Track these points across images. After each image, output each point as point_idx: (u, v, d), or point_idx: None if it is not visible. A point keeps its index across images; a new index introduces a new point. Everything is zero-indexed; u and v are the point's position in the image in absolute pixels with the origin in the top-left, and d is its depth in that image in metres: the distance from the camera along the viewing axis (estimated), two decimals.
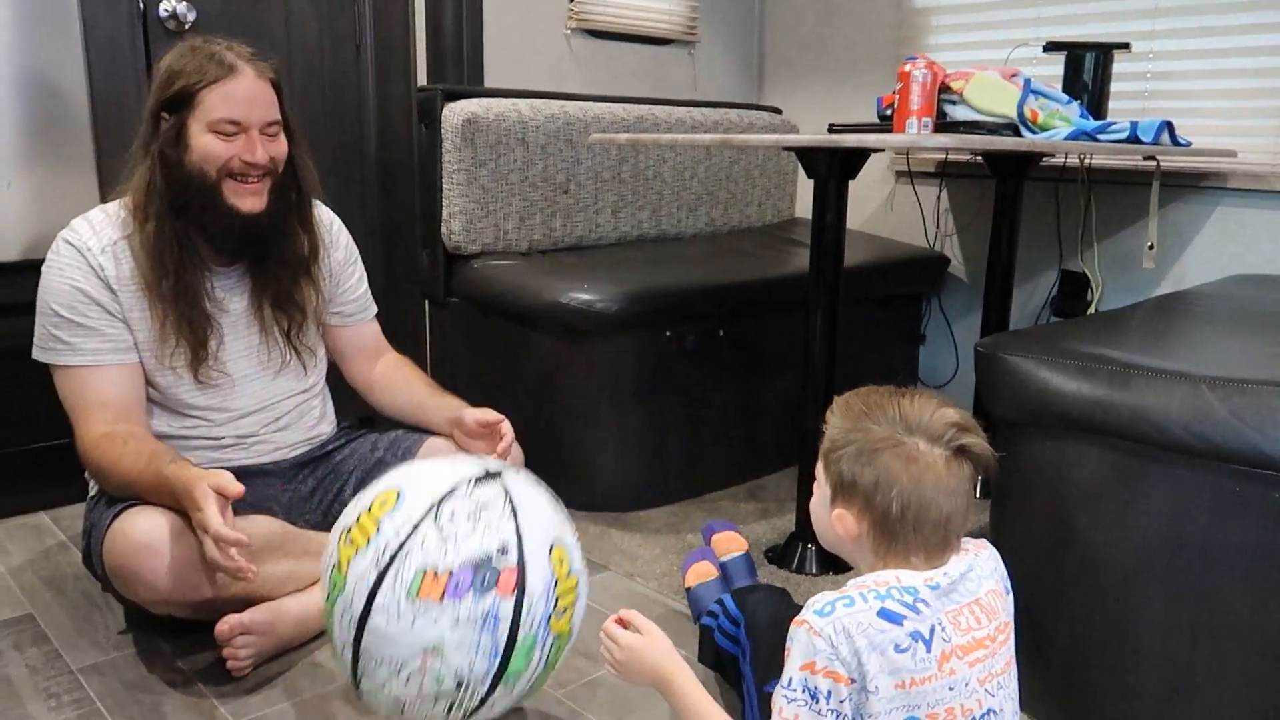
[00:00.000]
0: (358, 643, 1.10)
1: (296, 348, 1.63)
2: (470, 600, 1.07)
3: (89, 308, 1.45)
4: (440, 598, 1.06)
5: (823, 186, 1.75)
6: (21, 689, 1.38)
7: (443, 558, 1.08)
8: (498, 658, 1.09)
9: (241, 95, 1.43)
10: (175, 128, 1.43)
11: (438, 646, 1.07)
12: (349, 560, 1.11)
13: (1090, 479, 1.24)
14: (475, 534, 1.10)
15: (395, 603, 1.07)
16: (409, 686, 1.09)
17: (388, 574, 1.08)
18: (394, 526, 1.11)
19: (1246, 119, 2.31)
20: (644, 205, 2.65)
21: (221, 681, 1.40)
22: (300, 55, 2.14)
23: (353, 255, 1.73)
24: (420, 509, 1.12)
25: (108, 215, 1.49)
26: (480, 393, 2.13)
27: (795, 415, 1.90)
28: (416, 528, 1.10)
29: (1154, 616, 1.20)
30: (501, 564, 1.09)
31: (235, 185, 1.45)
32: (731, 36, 3.26)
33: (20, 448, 1.96)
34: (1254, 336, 1.49)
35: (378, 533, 1.11)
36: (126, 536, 1.36)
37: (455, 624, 1.07)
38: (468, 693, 1.10)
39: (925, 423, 0.96)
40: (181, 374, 1.51)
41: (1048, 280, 2.65)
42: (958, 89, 1.96)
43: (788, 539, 1.90)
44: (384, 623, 1.07)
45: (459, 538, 1.09)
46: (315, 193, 1.61)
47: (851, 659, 0.89)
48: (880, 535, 0.97)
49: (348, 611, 1.10)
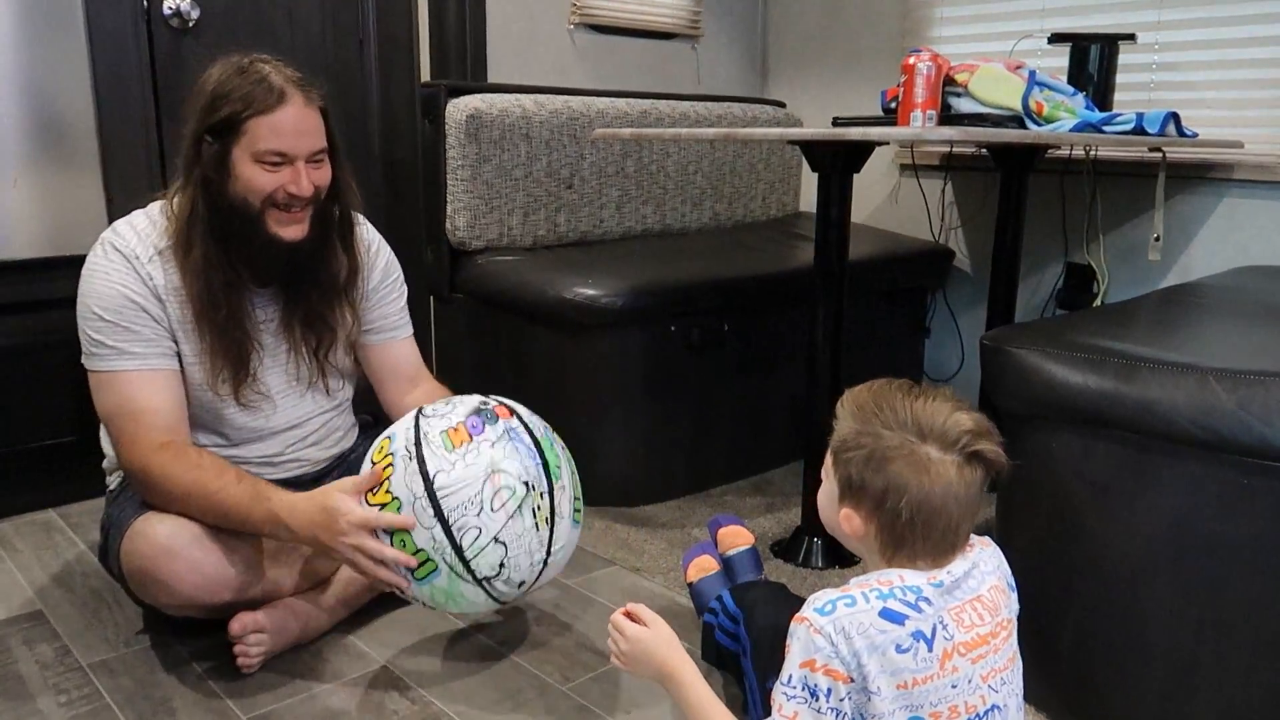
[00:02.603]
0: (442, 515, 1.26)
1: (323, 367, 1.60)
2: (489, 429, 1.32)
3: (137, 314, 1.41)
4: (469, 438, 1.30)
5: (827, 180, 1.75)
6: (32, 685, 1.39)
7: (450, 420, 1.32)
8: (535, 453, 1.33)
9: (290, 127, 1.38)
10: (219, 154, 1.38)
11: (492, 464, 1.29)
12: (390, 480, 1.29)
13: (1097, 472, 1.24)
14: (455, 407, 1.35)
15: (442, 459, 1.28)
16: (497, 514, 1.28)
17: (423, 453, 1.29)
18: (400, 438, 1.32)
19: (1253, 110, 2.30)
20: (648, 200, 2.65)
21: (231, 678, 1.40)
22: (304, 51, 2.15)
23: (391, 274, 1.68)
24: (406, 421, 1.35)
25: (151, 221, 1.45)
26: (485, 388, 2.13)
27: (800, 409, 1.90)
28: (415, 426, 1.32)
29: (1161, 609, 1.20)
30: (491, 405, 1.37)
31: (278, 215, 1.42)
32: (735, 30, 3.26)
33: (30, 445, 1.96)
34: (1261, 328, 1.48)
35: (392, 451, 1.31)
36: (148, 539, 1.36)
37: (492, 445, 1.30)
38: (536, 493, 1.31)
39: (939, 428, 0.93)
40: (224, 395, 1.49)
41: (1053, 273, 2.65)
42: (962, 81, 1.96)
43: (793, 533, 1.90)
44: (446, 477, 1.27)
45: (449, 411, 1.34)
46: (358, 210, 1.58)
47: (851, 659, 0.89)
48: (888, 539, 0.96)
49: (424, 506, 1.26)
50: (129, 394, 1.41)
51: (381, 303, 1.67)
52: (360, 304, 1.62)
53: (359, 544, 1.27)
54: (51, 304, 1.45)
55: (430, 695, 1.38)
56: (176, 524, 1.36)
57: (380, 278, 1.66)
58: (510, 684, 1.42)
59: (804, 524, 1.88)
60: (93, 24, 1.87)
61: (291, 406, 1.59)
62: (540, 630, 1.57)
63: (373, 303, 1.65)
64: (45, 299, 1.45)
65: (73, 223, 1.86)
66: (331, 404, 1.65)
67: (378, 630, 1.56)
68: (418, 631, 1.56)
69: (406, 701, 1.37)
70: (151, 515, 1.38)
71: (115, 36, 1.90)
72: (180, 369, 1.46)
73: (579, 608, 1.66)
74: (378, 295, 1.66)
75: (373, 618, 1.59)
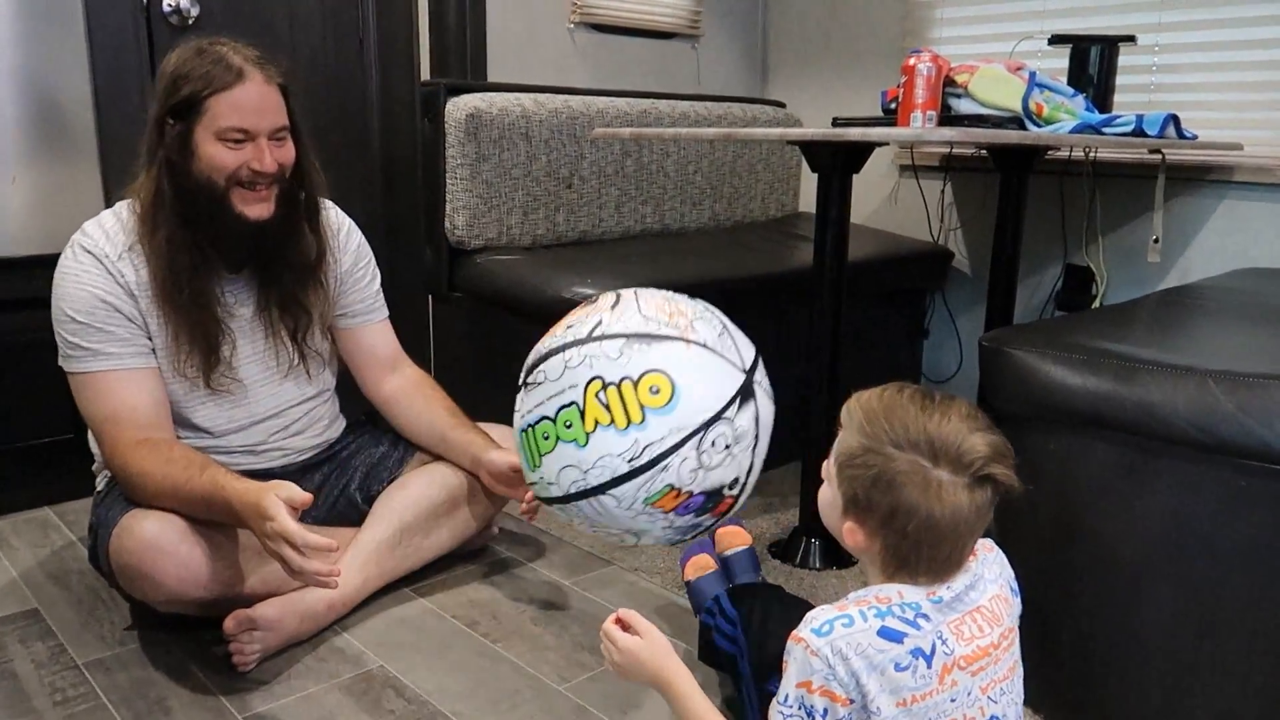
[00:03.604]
0: (570, 499, 1.20)
1: (303, 351, 1.61)
2: (691, 516, 1.21)
3: (110, 314, 1.42)
4: (671, 510, 1.19)
5: (826, 181, 1.75)
6: (28, 684, 1.39)
7: (691, 483, 1.17)
8: (673, 542, 1.26)
9: (250, 103, 1.40)
10: (181, 135, 1.40)
11: (643, 531, 1.21)
12: (596, 425, 1.16)
13: (1095, 474, 1.24)
14: (723, 466, 1.18)
15: (633, 499, 1.17)
16: (597, 530, 1.24)
17: (639, 476, 1.16)
18: (660, 430, 1.15)
19: (1253, 112, 2.30)
20: (647, 200, 2.65)
21: (227, 676, 1.40)
22: (304, 50, 2.14)
23: (363, 258, 1.70)
24: (689, 425, 1.16)
25: (119, 219, 1.47)
26: (482, 388, 2.13)
27: (799, 410, 1.90)
28: (680, 446, 1.15)
29: (1160, 610, 1.20)
30: (727, 494, 1.21)
31: (243, 193, 1.43)
32: (735, 30, 3.26)
33: (26, 443, 1.96)
34: (1260, 330, 1.48)
35: (641, 425, 1.15)
36: (134, 535, 1.36)
37: (668, 526, 1.21)
38: (638, 542, 1.26)
39: (953, 451, 0.89)
40: (195, 381, 1.50)
41: (1052, 274, 2.65)
42: (962, 82, 1.95)
43: (791, 533, 1.90)
44: (613, 505, 1.18)
45: (710, 467, 1.18)
46: (323, 194, 1.59)
47: (849, 680, 0.88)
48: (891, 556, 0.93)
49: (579, 475, 1.17)
50: (106, 395, 1.43)
51: (355, 286, 1.68)
52: (334, 286, 1.63)
53: (277, 549, 1.27)
54: (49, 302, 1.47)
55: (426, 694, 1.38)
56: (163, 520, 1.37)
57: (353, 261, 1.67)
58: (507, 684, 1.42)
59: (802, 524, 1.88)
60: (92, 21, 1.86)
61: (270, 395, 1.59)
62: (537, 630, 1.57)
63: (347, 286, 1.66)
64: (43, 296, 1.46)
65: (71, 220, 1.84)
66: (312, 391, 1.66)
67: (374, 629, 1.56)
68: (415, 631, 1.56)
69: (403, 701, 1.36)
70: (138, 512, 1.39)
71: (115, 34, 1.90)
72: (159, 366, 1.47)
73: (577, 608, 1.65)
74: (352, 279, 1.67)
75: (370, 616, 1.59)
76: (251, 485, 1.32)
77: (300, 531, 1.25)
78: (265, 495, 1.27)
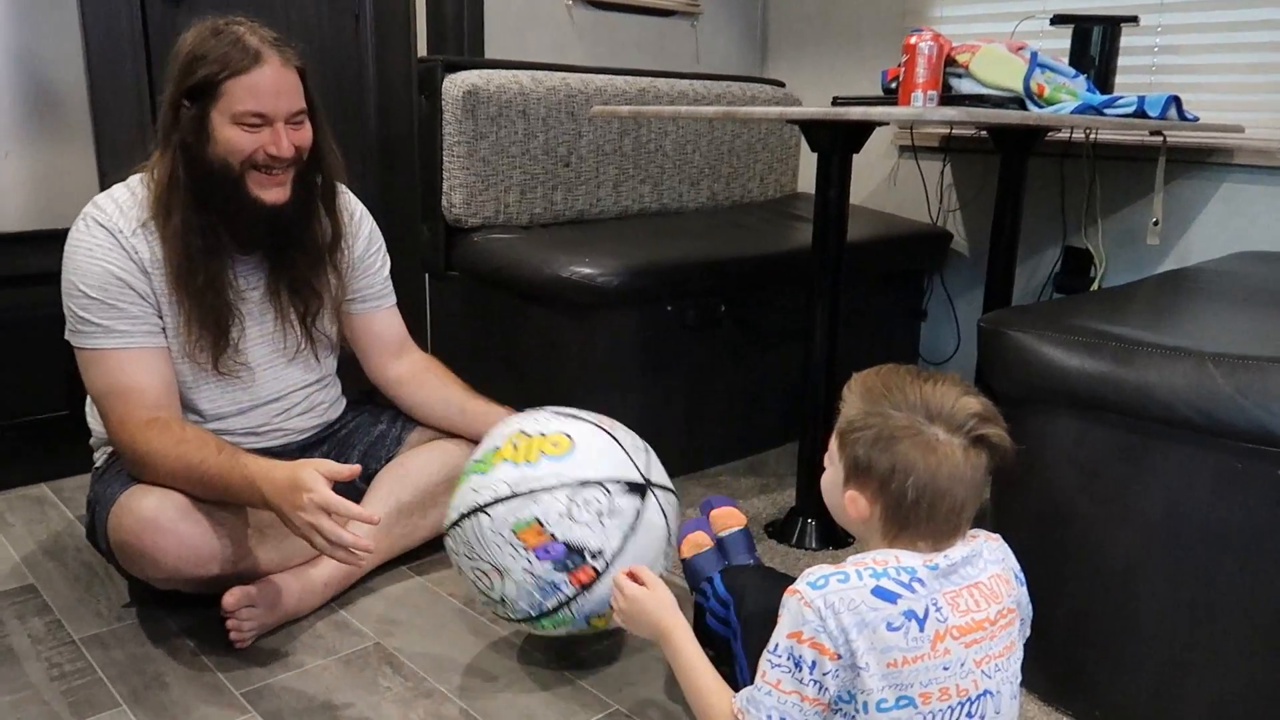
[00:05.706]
0: (462, 518, 1.30)
1: (312, 335, 1.60)
2: (548, 567, 1.26)
3: (123, 291, 1.40)
4: (530, 548, 1.25)
5: (826, 161, 1.74)
6: (24, 659, 1.39)
7: (556, 524, 1.25)
8: (537, 611, 1.29)
9: (267, 87, 1.37)
10: (197, 118, 1.37)
11: (507, 570, 1.27)
12: (501, 459, 1.31)
13: (1092, 456, 1.24)
14: (590, 528, 1.26)
15: (502, 523, 1.26)
16: (473, 574, 1.31)
17: (514, 500, 1.26)
18: (546, 471, 1.28)
19: (1254, 94, 2.29)
20: (645, 179, 2.64)
21: (223, 652, 1.40)
22: (298, 26, 2.12)
23: (375, 244, 1.69)
24: (572, 476, 1.28)
25: (133, 194, 1.44)
26: (480, 366, 2.12)
27: (796, 390, 1.90)
28: (555, 489, 1.26)
29: (1155, 594, 1.20)
30: (588, 562, 1.26)
31: (259, 177, 1.41)
32: (734, 8, 3.23)
33: (22, 419, 1.96)
34: (1259, 313, 1.48)
35: (534, 464, 1.28)
36: (133, 513, 1.36)
37: (526, 571, 1.26)
38: (506, 609, 1.31)
39: (947, 411, 0.94)
40: (204, 365, 1.49)
41: (1051, 256, 2.64)
42: (963, 62, 1.94)
43: (787, 514, 1.90)
44: (487, 525, 1.27)
45: (577, 521, 1.26)
46: (340, 177, 1.56)
47: (839, 635, 0.90)
48: (891, 520, 0.96)
49: (474, 492, 1.30)
50: (116, 372, 1.41)
51: (366, 272, 1.67)
52: (346, 271, 1.61)
53: (315, 521, 1.26)
54: (43, 277, 1.45)
55: (423, 671, 1.38)
56: (163, 497, 1.36)
57: (365, 246, 1.67)
58: (502, 662, 1.42)
59: (798, 504, 1.89)
60: None
61: (275, 379, 1.58)
62: None
63: (358, 272, 1.65)
64: (37, 272, 1.44)
65: (65, 195, 1.85)
66: (316, 376, 1.65)
67: (371, 606, 1.56)
68: (411, 609, 1.56)
69: (400, 678, 1.37)
70: (137, 489, 1.38)
71: (108, 8, 1.88)
72: (167, 343, 1.45)
73: None
74: (363, 265, 1.66)
75: (367, 594, 1.59)
76: (277, 463, 1.31)
77: (343, 502, 1.26)
78: (302, 469, 1.28)
